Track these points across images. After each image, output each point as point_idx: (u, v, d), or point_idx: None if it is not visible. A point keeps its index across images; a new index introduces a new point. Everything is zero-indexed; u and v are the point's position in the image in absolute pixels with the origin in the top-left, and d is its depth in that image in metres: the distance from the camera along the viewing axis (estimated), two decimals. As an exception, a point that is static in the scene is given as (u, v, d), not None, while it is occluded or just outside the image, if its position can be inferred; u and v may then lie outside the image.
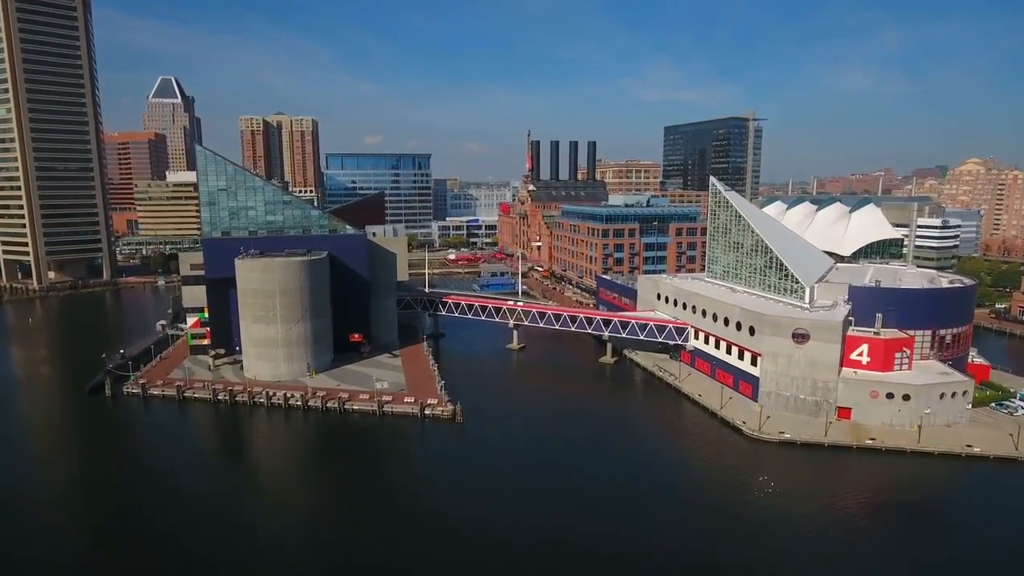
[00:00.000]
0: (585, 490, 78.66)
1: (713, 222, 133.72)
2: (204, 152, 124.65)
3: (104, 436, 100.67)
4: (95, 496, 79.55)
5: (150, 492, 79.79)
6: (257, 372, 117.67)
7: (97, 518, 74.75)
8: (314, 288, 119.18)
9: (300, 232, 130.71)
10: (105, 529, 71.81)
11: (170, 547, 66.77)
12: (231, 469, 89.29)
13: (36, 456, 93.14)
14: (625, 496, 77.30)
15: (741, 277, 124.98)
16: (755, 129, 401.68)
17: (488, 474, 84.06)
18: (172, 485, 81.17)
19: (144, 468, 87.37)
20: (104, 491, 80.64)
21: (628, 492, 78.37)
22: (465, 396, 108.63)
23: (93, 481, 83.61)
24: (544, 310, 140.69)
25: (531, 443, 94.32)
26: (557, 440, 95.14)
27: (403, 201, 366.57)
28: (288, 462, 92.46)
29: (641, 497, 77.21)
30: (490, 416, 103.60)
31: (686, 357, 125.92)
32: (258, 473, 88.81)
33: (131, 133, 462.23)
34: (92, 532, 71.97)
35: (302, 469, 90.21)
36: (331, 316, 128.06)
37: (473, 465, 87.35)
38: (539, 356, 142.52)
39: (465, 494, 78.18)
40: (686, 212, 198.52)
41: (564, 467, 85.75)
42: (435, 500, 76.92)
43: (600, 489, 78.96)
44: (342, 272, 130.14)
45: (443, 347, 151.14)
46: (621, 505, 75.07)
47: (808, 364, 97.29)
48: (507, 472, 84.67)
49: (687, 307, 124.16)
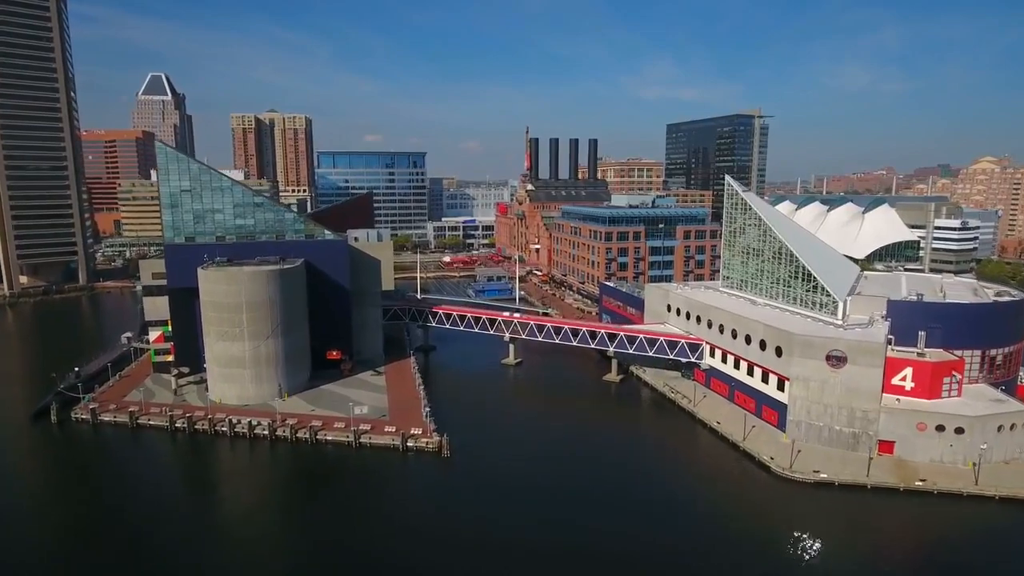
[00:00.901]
0: (587, 546, 66.43)
1: (729, 226, 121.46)
2: (164, 149, 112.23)
3: (40, 471, 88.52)
4: (18, 546, 67.23)
5: (86, 541, 67.60)
6: (222, 395, 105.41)
7: (20, 572, 62.65)
8: (287, 300, 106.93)
9: (273, 237, 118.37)
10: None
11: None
12: (181, 513, 76.71)
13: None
14: (636, 558, 64.97)
15: (762, 288, 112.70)
16: (761, 127, 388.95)
17: (475, 524, 71.65)
18: (111, 534, 68.93)
19: (81, 510, 75.14)
20: (31, 540, 68.38)
21: (640, 553, 66.03)
22: (454, 423, 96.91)
23: (17, 526, 71.31)
24: (543, 322, 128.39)
25: (526, 484, 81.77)
26: (557, 479, 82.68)
27: (397, 201, 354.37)
28: (247, 504, 79.99)
29: (655, 558, 64.97)
30: (481, 449, 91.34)
31: (700, 376, 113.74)
32: (212, 518, 76.30)
33: (118, 131, 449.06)
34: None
35: (263, 513, 77.76)
36: (308, 330, 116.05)
37: (459, 512, 75.00)
38: (537, 373, 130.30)
39: (448, 549, 65.89)
40: (694, 214, 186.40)
41: (564, 516, 73.46)
42: (413, 558, 64.68)
43: (605, 544, 66.66)
44: (320, 281, 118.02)
45: (433, 362, 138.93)
46: (632, 570, 62.87)
47: (845, 391, 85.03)
48: (497, 521, 72.38)
49: (701, 321, 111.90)
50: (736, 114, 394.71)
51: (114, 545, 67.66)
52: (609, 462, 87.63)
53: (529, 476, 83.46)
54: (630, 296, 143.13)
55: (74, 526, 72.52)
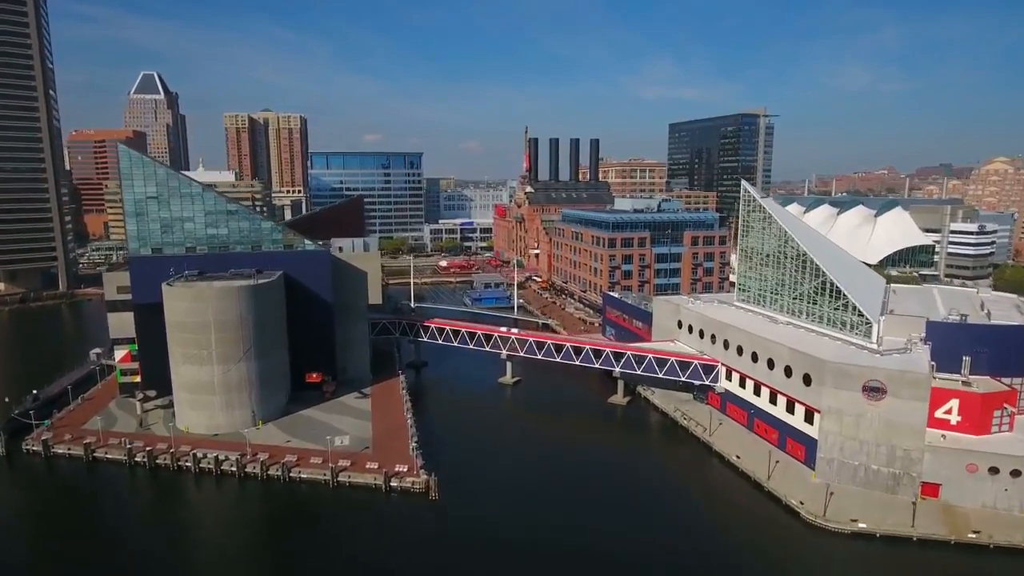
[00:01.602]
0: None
1: (745, 235, 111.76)
2: (127, 152, 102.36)
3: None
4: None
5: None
6: (190, 423, 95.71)
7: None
8: (262, 318, 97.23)
9: (249, 248, 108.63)
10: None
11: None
12: (134, 563, 66.95)
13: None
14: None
15: (782, 303, 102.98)
16: (766, 126, 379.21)
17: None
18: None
19: (17, 559, 65.50)
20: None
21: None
22: (445, 455, 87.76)
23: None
24: (543, 339, 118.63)
25: (524, 533, 71.99)
26: (557, 526, 72.94)
27: (393, 203, 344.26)
28: (206, 554, 70.17)
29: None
30: (473, 489, 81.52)
31: (715, 400, 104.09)
32: (166, 570, 66.68)
33: (107, 131, 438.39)
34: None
35: (223, 564, 68.00)
36: (287, 349, 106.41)
37: (446, 568, 65.36)
38: (537, 394, 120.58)
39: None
40: (702, 218, 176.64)
41: (566, 571, 63.91)
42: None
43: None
44: (301, 296, 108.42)
45: (424, 380, 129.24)
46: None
47: (884, 426, 75.30)
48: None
49: (716, 340, 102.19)
50: (740, 113, 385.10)
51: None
52: (617, 504, 77.89)
53: (527, 523, 73.67)
54: (636, 309, 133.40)
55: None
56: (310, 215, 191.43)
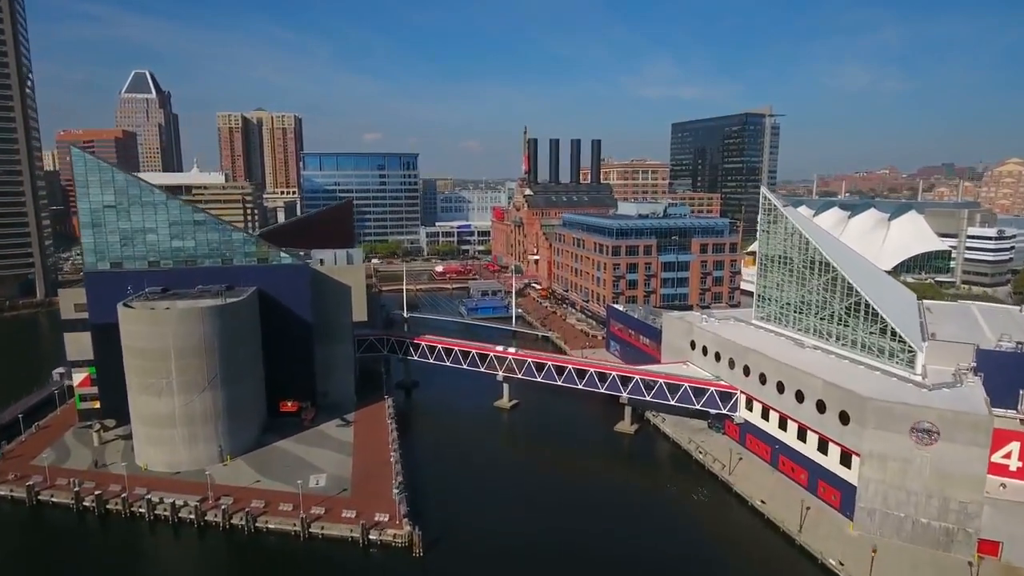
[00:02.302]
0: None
1: (765, 246, 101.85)
2: (82, 156, 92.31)
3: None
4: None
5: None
6: (149, 460, 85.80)
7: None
8: (231, 341, 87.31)
9: (219, 262, 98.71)
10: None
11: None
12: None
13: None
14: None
15: (808, 324, 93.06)
16: (772, 126, 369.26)
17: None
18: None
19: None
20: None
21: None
22: (432, 498, 78.86)
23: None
24: (543, 359, 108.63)
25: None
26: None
27: (388, 205, 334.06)
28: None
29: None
30: (463, 540, 71.64)
31: (732, 430, 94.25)
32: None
33: (96, 131, 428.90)
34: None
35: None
36: (262, 374, 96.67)
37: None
38: (536, 420, 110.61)
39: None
40: (711, 225, 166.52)
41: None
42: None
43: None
44: (277, 314, 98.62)
45: (414, 403, 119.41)
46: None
47: (936, 475, 65.42)
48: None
49: (736, 365, 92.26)
50: (745, 113, 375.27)
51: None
52: (627, 561, 68.04)
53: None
54: (644, 325, 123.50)
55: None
56: (297, 220, 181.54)
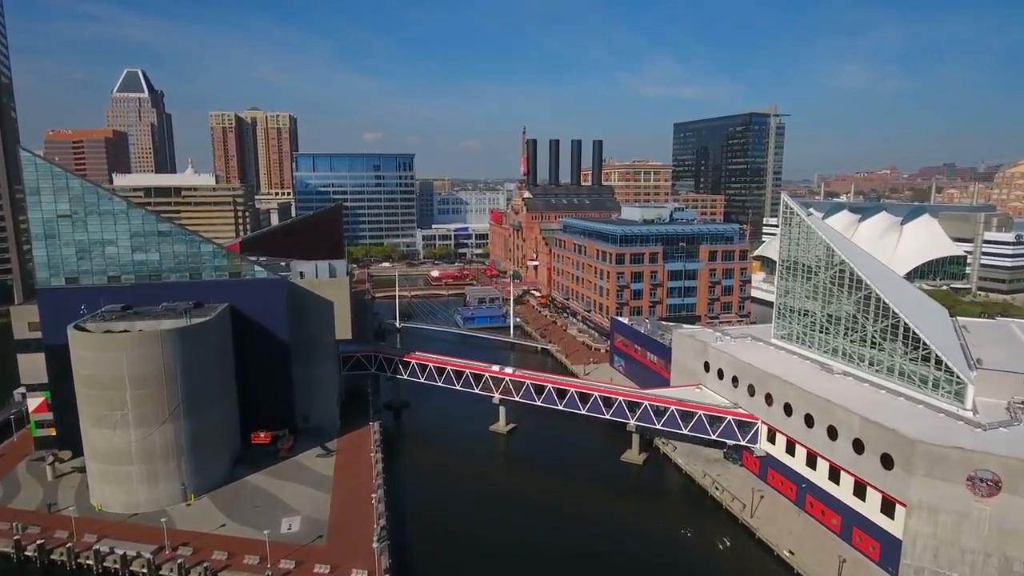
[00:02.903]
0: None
1: (786, 258, 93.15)
2: (32, 161, 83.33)
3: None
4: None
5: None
6: (103, 499, 76.95)
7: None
8: (196, 366, 78.48)
9: (187, 276, 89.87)
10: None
11: None
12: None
13: None
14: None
15: (835, 346, 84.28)
16: (777, 126, 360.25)
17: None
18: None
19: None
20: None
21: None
22: (418, 544, 70.01)
23: None
24: (543, 382, 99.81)
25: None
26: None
27: (383, 207, 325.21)
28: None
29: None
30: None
31: (751, 462, 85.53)
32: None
33: (86, 131, 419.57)
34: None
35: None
36: (234, 400, 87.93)
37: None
38: (535, 448, 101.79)
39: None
40: (721, 231, 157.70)
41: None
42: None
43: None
44: (251, 332, 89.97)
45: (404, 426, 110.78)
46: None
47: (996, 531, 56.74)
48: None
49: (756, 392, 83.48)
50: (749, 113, 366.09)
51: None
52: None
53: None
54: (652, 341, 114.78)
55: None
56: (283, 225, 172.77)
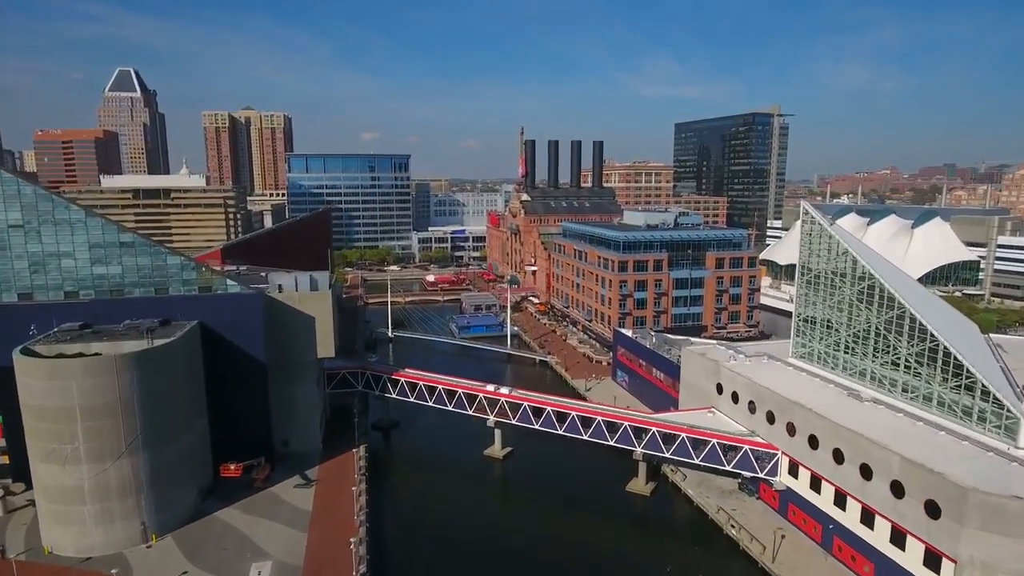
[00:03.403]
0: None
1: (805, 271, 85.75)
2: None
3: None
4: None
5: None
6: (54, 542, 69.30)
7: None
8: (159, 392, 70.91)
9: (152, 291, 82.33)
10: None
11: None
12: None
13: None
14: None
15: (863, 369, 76.88)
16: (781, 126, 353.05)
17: None
18: None
19: None
20: None
21: None
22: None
23: None
24: (541, 404, 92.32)
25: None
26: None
27: (378, 209, 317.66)
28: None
29: None
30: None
31: (769, 495, 78.13)
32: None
33: (75, 131, 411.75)
34: None
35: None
36: (204, 426, 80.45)
37: None
38: (533, 475, 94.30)
39: None
40: (728, 236, 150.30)
41: None
42: None
43: None
44: (223, 352, 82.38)
45: (392, 449, 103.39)
46: None
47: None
48: None
49: (775, 420, 76.05)
50: (752, 112, 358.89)
51: None
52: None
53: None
54: (657, 356, 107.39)
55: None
56: (269, 231, 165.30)
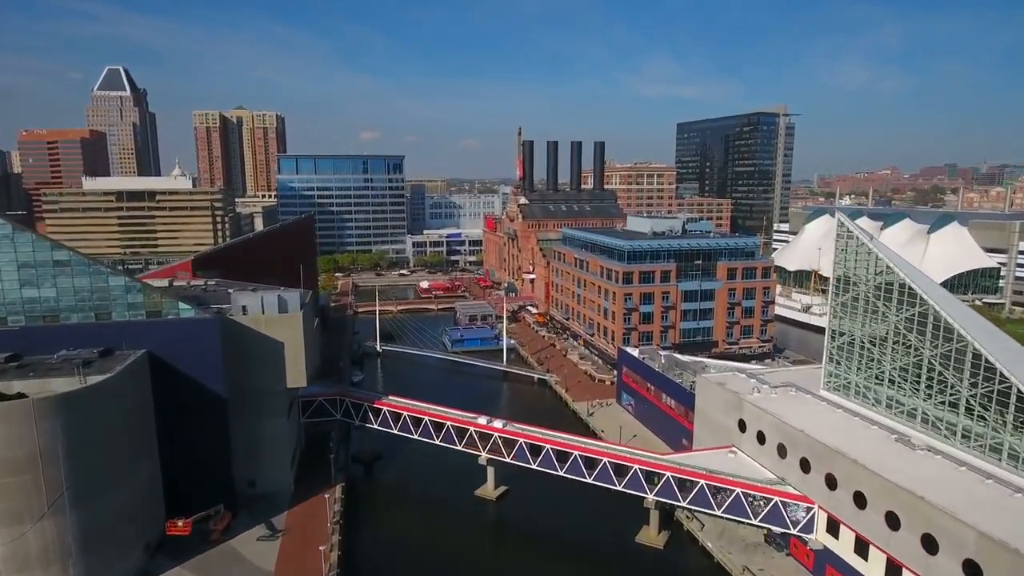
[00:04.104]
0: None
1: (842, 291, 75.34)
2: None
3: None
4: None
5: None
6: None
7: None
8: (90, 439, 60.36)
9: (92, 317, 71.77)
10: None
11: None
12: None
13: None
14: None
15: (913, 409, 66.48)
16: (787, 126, 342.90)
17: None
18: None
19: None
20: None
21: None
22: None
23: None
24: (540, 441, 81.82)
25: None
26: None
27: (371, 211, 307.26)
28: None
29: None
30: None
31: (801, 552, 67.72)
32: None
33: (61, 131, 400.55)
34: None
35: None
36: (155, 470, 69.95)
37: None
38: (531, 521, 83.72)
39: None
40: (741, 245, 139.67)
41: None
42: None
43: None
44: (176, 385, 71.76)
45: (374, 485, 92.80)
46: None
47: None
48: None
49: (810, 468, 65.59)
50: (757, 112, 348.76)
51: None
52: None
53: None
54: (667, 381, 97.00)
55: None
56: (245, 239, 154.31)
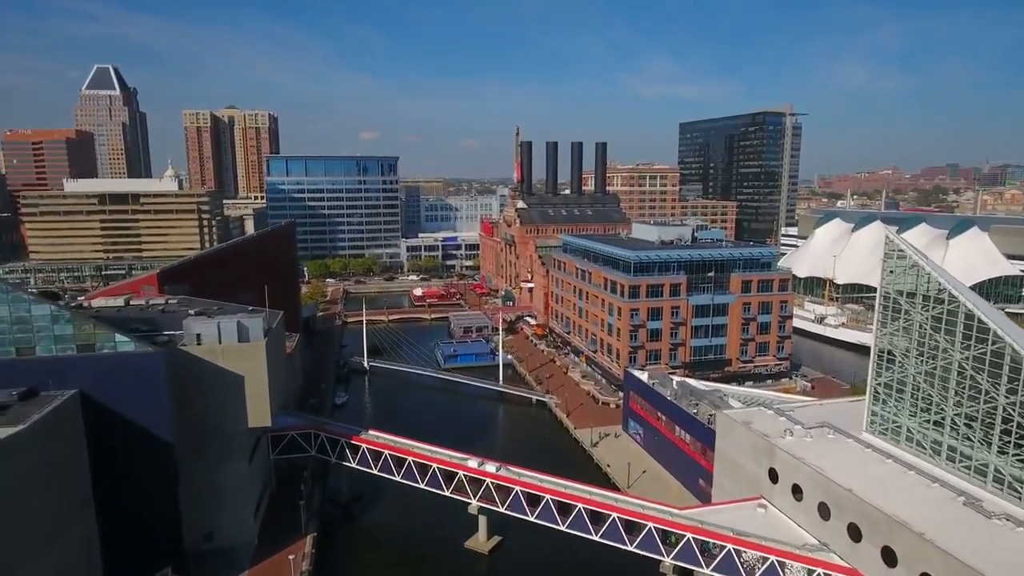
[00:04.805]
0: None
1: (890, 319, 64.76)
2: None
3: None
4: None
5: None
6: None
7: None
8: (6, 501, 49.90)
9: (12, 352, 61.15)
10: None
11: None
12: None
13: None
14: None
15: (983, 466, 55.93)
16: (793, 125, 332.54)
17: None
18: None
19: None
20: None
21: None
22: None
23: None
24: (538, 490, 71.20)
25: None
26: None
27: (364, 214, 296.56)
28: None
29: None
30: None
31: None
32: None
33: (47, 130, 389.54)
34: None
35: None
36: (91, 529, 59.45)
37: None
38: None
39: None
40: (756, 256, 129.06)
41: None
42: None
43: None
44: (114, 429, 61.42)
45: (354, 533, 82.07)
46: None
47: None
48: None
49: (862, 536, 54.96)
50: (763, 112, 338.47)
51: None
52: None
53: None
54: (680, 412, 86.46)
55: None
56: (218, 249, 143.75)
